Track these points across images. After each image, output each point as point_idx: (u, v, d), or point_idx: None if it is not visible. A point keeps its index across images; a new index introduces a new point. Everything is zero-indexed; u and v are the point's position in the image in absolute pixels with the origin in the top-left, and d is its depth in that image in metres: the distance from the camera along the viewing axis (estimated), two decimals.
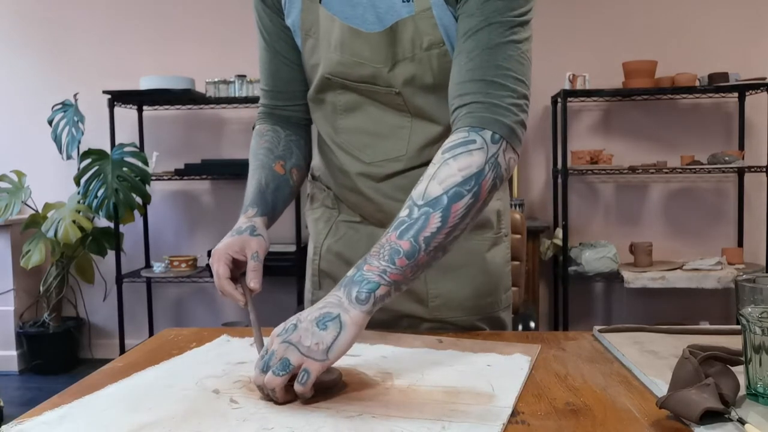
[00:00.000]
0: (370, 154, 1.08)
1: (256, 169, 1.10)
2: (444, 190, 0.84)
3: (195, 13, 3.85)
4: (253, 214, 1.04)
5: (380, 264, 0.81)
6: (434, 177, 0.85)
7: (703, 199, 3.72)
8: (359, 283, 0.80)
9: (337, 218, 1.19)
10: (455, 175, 0.84)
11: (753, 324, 0.72)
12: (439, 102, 1.01)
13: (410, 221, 0.83)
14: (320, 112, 1.12)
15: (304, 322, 0.77)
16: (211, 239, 3.92)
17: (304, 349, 0.75)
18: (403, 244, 0.82)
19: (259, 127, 1.18)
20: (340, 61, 1.02)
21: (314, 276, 1.22)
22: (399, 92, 1.02)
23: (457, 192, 0.84)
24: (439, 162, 0.86)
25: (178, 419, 0.71)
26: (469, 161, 0.85)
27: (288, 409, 0.74)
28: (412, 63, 0.99)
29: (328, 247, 1.19)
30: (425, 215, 0.83)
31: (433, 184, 0.84)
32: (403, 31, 0.98)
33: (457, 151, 0.86)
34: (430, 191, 0.84)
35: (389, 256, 0.81)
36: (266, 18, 1.12)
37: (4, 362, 3.77)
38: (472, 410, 0.73)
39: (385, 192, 1.09)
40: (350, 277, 0.82)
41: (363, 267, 0.82)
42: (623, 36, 3.69)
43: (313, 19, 1.05)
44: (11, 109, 3.99)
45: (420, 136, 1.05)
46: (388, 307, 1.14)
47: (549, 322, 3.75)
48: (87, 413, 0.74)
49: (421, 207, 0.83)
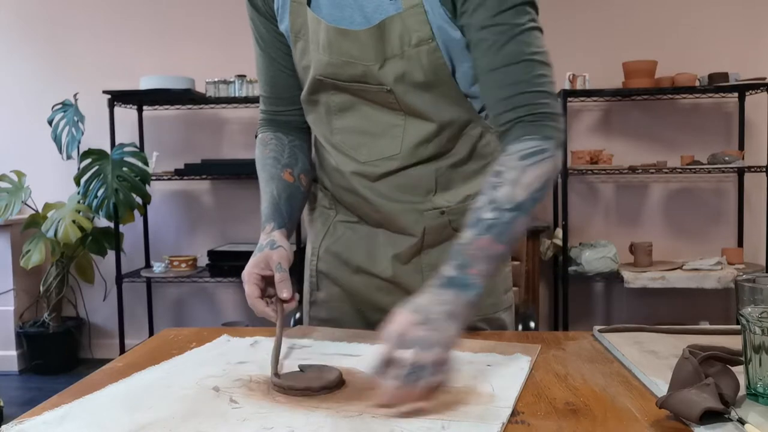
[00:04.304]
0: (365, 153, 1.08)
1: (267, 181, 1.12)
2: (527, 195, 0.90)
3: (195, 13, 3.85)
4: (271, 229, 1.06)
5: (484, 269, 0.86)
6: (518, 182, 0.91)
7: (703, 199, 3.72)
8: (468, 287, 0.84)
9: (335, 219, 1.19)
10: (535, 182, 0.92)
11: (753, 324, 0.72)
12: (432, 99, 1.03)
13: (501, 225, 0.88)
14: (314, 114, 1.13)
15: (434, 314, 0.79)
16: (211, 239, 3.92)
17: (435, 340, 0.76)
18: (500, 248, 0.88)
19: (262, 136, 1.19)
20: (329, 62, 1.03)
21: (312, 277, 1.22)
22: (390, 89, 1.02)
23: (537, 197, 0.92)
24: (519, 168, 0.92)
25: (178, 419, 0.71)
26: (544, 168, 0.93)
27: (288, 410, 0.74)
28: (401, 60, 1.00)
29: (326, 248, 1.19)
30: (514, 219, 0.89)
31: (519, 190, 0.90)
32: (391, 28, 0.99)
33: (535, 159, 0.93)
34: (516, 196, 0.90)
35: (492, 260, 0.87)
36: (260, 26, 1.12)
37: (4, 362, 3.77)
38: (472, 410, 0.73)
39: (380, 191, 1.09)
40: (458, 279, 0.84)
41: (468, 270, 0.85)
42: (623, 36, 3.69)
43: (301, 22, 1.05)
44: (11, 109, 3.99)
45: (413, 134, 1.05)
46: (388, 307, 1.14)
47: (549, 322, 3.75)
48: (87, 413, 0.74)
49: (511, 210, 0.89)
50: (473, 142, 1.08)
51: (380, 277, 1.14)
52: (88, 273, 3.80)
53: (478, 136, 1.08)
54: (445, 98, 1.03)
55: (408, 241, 1.12)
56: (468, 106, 1.06)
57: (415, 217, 1.10)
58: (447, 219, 1.10)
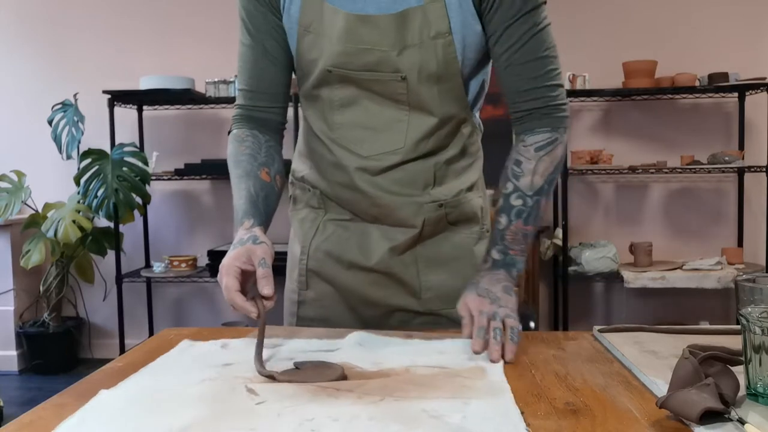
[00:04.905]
0: (368, 147, 1.10)
1: (242, 177, 1.08)
2: (545, 180, 1.07)
3: (195, 13, 3.85)
4: (251, 225, 1.02)
5: (520, 247, 1.07)
6: (536, 172, 1.06)
7: (703, 199, 3.72)
8: (514, 265, 1.07)
9: (324, 217, 1.19)
10: (549, 167, 1.08)
11: (753, 324, 0.72)
12: (439, 92, 1.06)
13: (527, 209, 1.06)
14: (314, 109, 1.13)
15: (499, 292, 1.01)
16: (211, 239, 3.92)
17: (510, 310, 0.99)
18: (528, 228, 1.07)
19: (237, 132, 1.16)
20: (343, 51, 1.04)
21: (301, 276, 1.21)
22: (404, 77, 1.04)
23: (551, 179, 1.09)
24: (535, 159, 1.07)
25: (210, 419, 0.69)
26: (556, 155, 1.09)
27: (311, 400, 0.74)
28: (419, 49, 1.03)
29: (316, 247, 1.19)
30: (537, 203, 1.07)
31: (537, 177, 1.07)
32: (413, 18, 1.02)
33: (548, 149, 1.08)
34: (536, 183, 1.07)
35: (524, 240, 1.07)
36: (259, 16, 1.11)
37: (4, 362, 3.77)
38: (475, 385, 0.78)
39: (381, 185, 1.11)
40: (503, 260, 1.06)
41: (508, 251, 1.06)
42: (623, 36, 3.69)
43: (313, 15, 1.05)
44: (11, 109, 3.99)
45: (417, 129, 1.08)
46: (382, 302, 1.16)
47: (549, 322, 3.75)
48: (107, 423, 0.70)
49: (532, 197, 1.06)
50: (464, 140, 1.14)
51: (375, 270, 1.15)
52: (88, 273, 3.80)
53: (468, 134, 1.15)
54: (450, 93, 1.07)
55: (406, 234, 1.13)
56: (465, 104, 1.11)
57: (414, 210, 1.12)
58: (444, 212, 1.14)
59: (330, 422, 0.68)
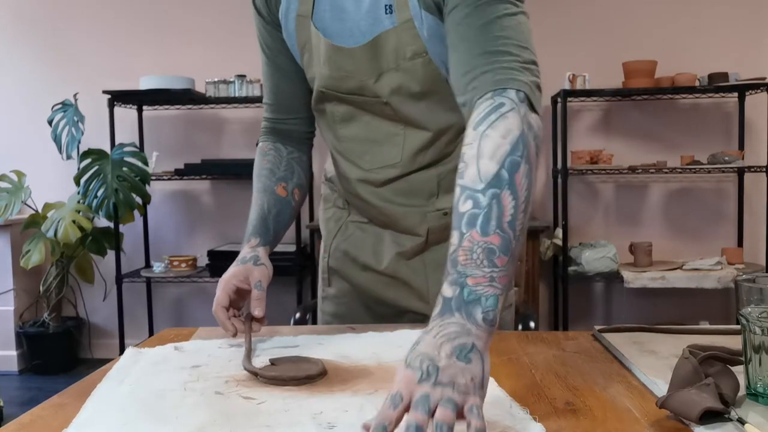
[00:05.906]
0: (369, 160, 1.12)
1: (259, 191, 1.13)
2: (499, 164, 0.73)
3: (195, 13, 3.85)
4: (256, 244, 1.08)
5: (483, 272, 0.69)
6: (481, 155, 0.74)
7: (703, 199, 3.72)
8: (477, 303, 0.68)
9: (347, 218, 1.24)
10: (502, 145, 0.74)
11: (753, 324, 0.72)
12: (428, 108, 1.05)
13: (482, 211, 0.71)
14: (323, 121, 1.16)
15: (442, 360, 0.63)
16: (211, 239, 3.92)
17: (462, 388, 0.62)
18: (493, 239, 0.70)
19: (262, 145, 1.21)
20: (330, 75, 1.06)
21: (324, 273, 1.26)
22: (387, 102, 1.05)
23: (512, 162, 0.74)
24: (477, 137, 0.76)
25: (220, 423, 0.67)
26: (507, 125, 0.76)
27: (309, 396, 0.75)
28: (397, 73, 1.02)
29: (336, 246, 1.24)
30: (495, 198, 0.72)
31: (485, 162, 0.74)
32: (386, 43, 1.00)
33: (491, 119, 0.77)
34: (486, 170, 0.73)
35: (487, 259, 0.70)
36: (266, 33, 1.14)
37: (4, 362, 3.76)
38: None
39: (384, 196, 1.13)
40: (458, 297, 0.68)
41: (466, 281, 0.69)
42: (623, 36, 3.69)
43: (305, 36, 1.07)
44: (11, 109, 3.99)
45: (413, 143, 1.09)
46: (394, 303, 1.18)
47: (549, 322, 3.75)
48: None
49: (484, 191, 0.72)
50: None
51: (385, 273, 1.19)
52: (88, 273, 3.80)
53: None
54: (440, 105, 1.05)
55: (413, 240, 1.16)
56: (461, 112, 1.06)
57: (419, 219, 1.14)
58: (449, 220, 1.12)
59: (341, 414, 0.69)
